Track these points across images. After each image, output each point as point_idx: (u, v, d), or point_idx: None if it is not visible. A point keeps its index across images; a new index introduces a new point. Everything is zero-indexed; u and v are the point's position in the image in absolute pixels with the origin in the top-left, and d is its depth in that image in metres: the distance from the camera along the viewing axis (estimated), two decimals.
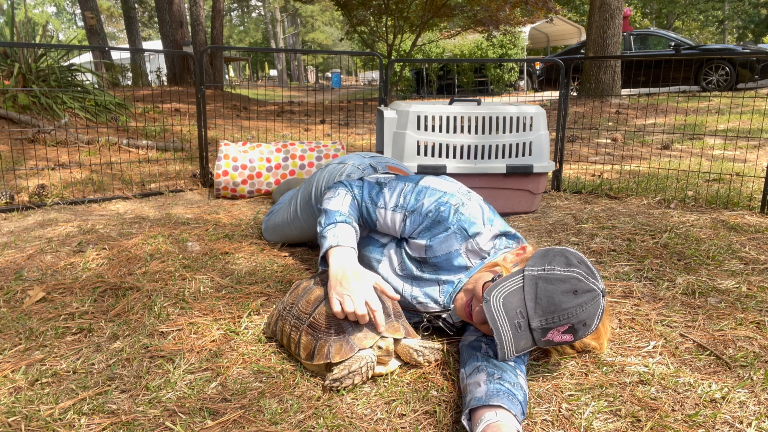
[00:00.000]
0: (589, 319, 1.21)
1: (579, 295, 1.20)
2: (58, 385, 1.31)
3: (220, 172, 3.21)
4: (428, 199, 1.50)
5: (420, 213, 1.49)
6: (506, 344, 1.18)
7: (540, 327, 1.19)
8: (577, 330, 1.20)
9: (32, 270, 2.01)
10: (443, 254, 1.46)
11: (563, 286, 1.20)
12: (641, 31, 13.17)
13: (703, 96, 9.56)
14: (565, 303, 1.19)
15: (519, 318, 1.19)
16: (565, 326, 1.19)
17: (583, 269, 1.23)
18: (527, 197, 2.90)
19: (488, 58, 18.14)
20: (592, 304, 1.21)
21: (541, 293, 1.20)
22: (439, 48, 18.14)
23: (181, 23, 12.09)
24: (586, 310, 1.20)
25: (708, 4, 31.01)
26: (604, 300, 1.24)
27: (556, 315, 1.19)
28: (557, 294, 1.19)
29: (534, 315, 1.19)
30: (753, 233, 2.49)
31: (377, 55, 3.96)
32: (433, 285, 1.49)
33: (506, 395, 1.12)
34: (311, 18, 46.20)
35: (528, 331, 1.19)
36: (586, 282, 1.21)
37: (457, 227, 1.45)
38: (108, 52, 12.12)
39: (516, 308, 1.20)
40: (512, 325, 1.19)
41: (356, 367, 1.28)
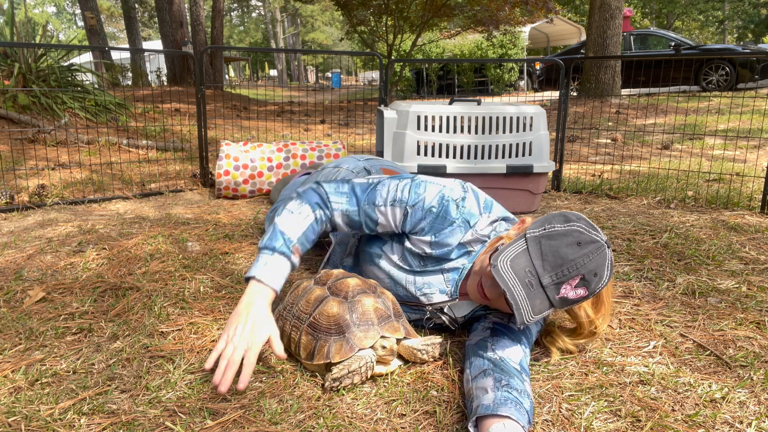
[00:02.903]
0: (599, 269, 1.21)
1: (583, 246, 1.21)
2: (58, 385, 1.31)
3: (222, 171, 3.21)
4: (429, 194, 1.46)
5: (422, 208, 1.45)
6: (522, 305, 1.18)
7: (552, 283, 1.20)
8: (589, 282, 1.21)
9: (32, 270, 2.01)
10: (447, 248, 1.45)
11: (566, 240, 1.21)
12: (641, 31, 13.17)
13: (703, 96, 9.56)
14: (570, 254, 1.20)
15: (529, 277, 1.20)
16: (576, 278, 1.20)
17: (583, 223, 1.25)
18: (527, 197, 2.90)
19: (488, 58, 18.13)
20: (599, 254, 1.21)
21: (546, 250, 1.22)
22: (439, 48, 18.14)
23: (181, 23, 12.09)
24: (593, 260, 1.21)
25: (708, 4, 31.01)
26: (609, 252, 1.24)
27: (565, 267, 1.20)
28: (562, 247, 1.21)
29: (543, 272, 1.20)
30: (753, 233, 2.49)
31: (377, 55, 3.96)
32: (437, 275, 1.48)
33: (514, 404, 1.10)
34: (311, 18, 46.20)
35: (540, 289, 1.20)
36: (588, 234, 1.23)
37: (462, 221, 1.44)
38: (108, 52, 12.12)
39: (524, 268, 1.21)
40: (524, 284, 1.20)
41: (356, 366, 1.28)
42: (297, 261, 1.43)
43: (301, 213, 1.46)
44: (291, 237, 1.42)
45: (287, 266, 1.41)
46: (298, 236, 1.43)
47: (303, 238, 1.44)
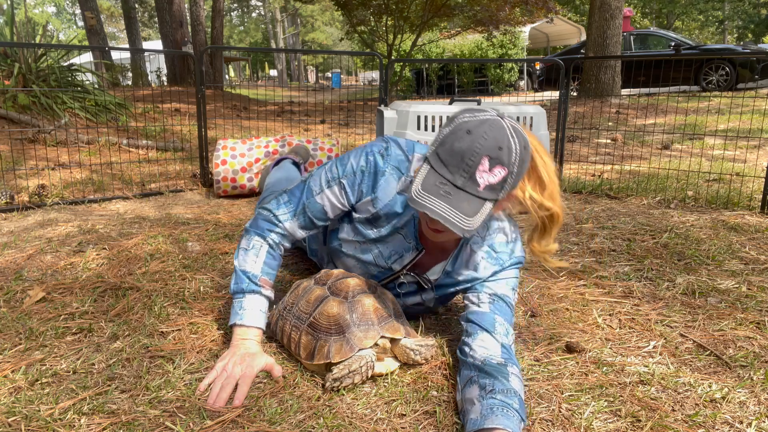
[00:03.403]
0: (501, 142, 1.18)
1: (473, 131, 1.19)
2: (58, 385, 1.31)
3: (219, 161, 3.22)
4: (354, 158, 1.49)
5: (353, 172, 1.47)
6: (450, 216, 1.17)
7: (465, 179, 1.19)
8: (499, 157, 1.18)
9: (32, 270, 2.01)
10: (389, 200, 1.45)
11: (456, 136, 1.21)
12: (641, 31, 13.17)
13: (703, 96, 9.56)
14: (465, 145, 1.18)
15: (442, 188, 1.19)
16: (483, 161, 1.18)
17: (467, 112, 1.24)
18: None
19: (488, 58, 18.15)
20: (493, 128, 1.19)
21: (444, 155, 1.21)
22: (439, 48, 18.14)
23: (181, 23, 12.09)
24: (490, 136, 1.18)
25: (708, 4, 31.01)
26: (506, 121, 1.22)
27: (466, 158, 1.18)
28: (455, 146, 1.20)
29: (452, 175, 1.20)
30: (753, 233, 2.49)
31: (377, 55, 3.96)
32: (395, 236, 1.49)
33: (500, 410, 1.11)
34: (311, 18, 46.20)
35: (459, 191, 1.19)
36: (474, 118, 1.21)
37: (392, 168, 1.46)
38: (108, 52, 12.12)
39: (434, 183, 1.20)
40: (441, 197, 1.19)
41: (356, 366, 1.28)
42: (270, 293, 1.49)
43: (254, 246, 1.50)
44: (254, 272, 1.47)
45: (263, 301, 1.47)
46: (260, 269, 1.48)
47: (266, 268, 1.49)
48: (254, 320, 1.43)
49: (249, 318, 1.42)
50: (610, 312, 1.72)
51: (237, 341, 1.40)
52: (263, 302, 1.47)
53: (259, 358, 1.35)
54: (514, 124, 1.23)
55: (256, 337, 1.43)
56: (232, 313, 1.45)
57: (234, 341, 1.41)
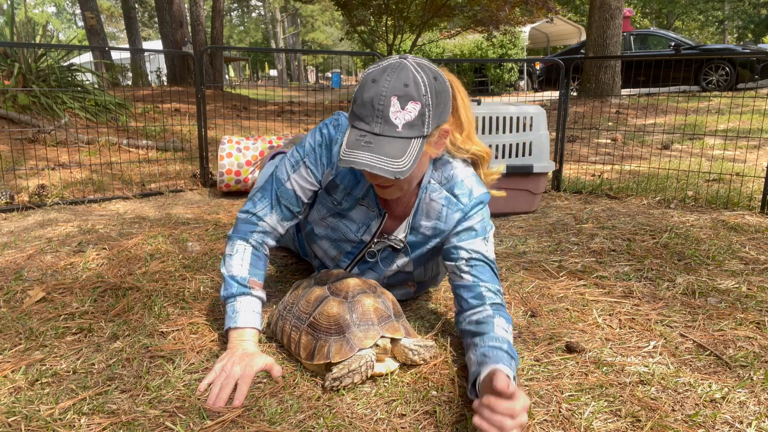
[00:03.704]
0: (407, 79, 1.22)
1: (377, 78, 1.23)
2: (58, 385, 1.31)
3: (224, 154, 3.24)
4: (310, 137, 1.53)
5: (312, 150, 1.50)
6: (376, 162, 1.20)
7: (379, 124, 1.22)
8: (409, 94, 1.22)
9: (32, 270, 2.01)
10: (345, 168, 1.48)
11: (363, 89, 1.24)
12: (641, 31, 13.17)
13: (703, 96, 9.56)
14: (372, 92, 1.22)
15: (362, 140, 1.23)
16: (393, 103, 1.21)
17: (371, 67, 1.27)
18: (527, 197, 2.90)
19: (488, 58, 18.17)
20: (395, 70, 1.23)
21: (357, 110, 1.25)
22: (439, 48, 18.14)
23: (181, 23, 12.09)
24: (395, 78, 1.22)
25: (708, 4, 31.01)
26: (410, 60, 1.25)
27: (375, 103, 1.21)
28: (364, 96, 1.23)
29: (367, 124, 1.23)
30: (753, 233, 2.49)
31: (377, 55, 3.96)
32: (357, 207, 1.53)
33: (492, 353, 1.23)
34: (311, 18, 46.20)
35: (378, 137, 1.22)
36: (377, 68, 1.25)
37: (342, 134, 1.49)
38: (108, 52, 12.12)
39: (354, 138, 1.24)
40: (362, 148, 1.22)
41: (356, 366, 1.28)
42: (261, 293, 1.49)
43: (237, 250, 1.50)
44: (242, 275, 1.47)
45: (255, 302, 1.47)
46: (247, 271, 1.48)
47: (253, 270, 1.49)
48: (249, 321, 1.43)
49: (243, 320, 1.43)
50: (610, 312, 1.72)
51: (234, 343, 1.41)
52: (256, 303, 1.47)
53: (257, 357, 1.36)
54: (418, 61, 1.26)
55: (253, 338, 1.43)
56: (226, 319, 1.45)
57: (231, 344, 1.41)
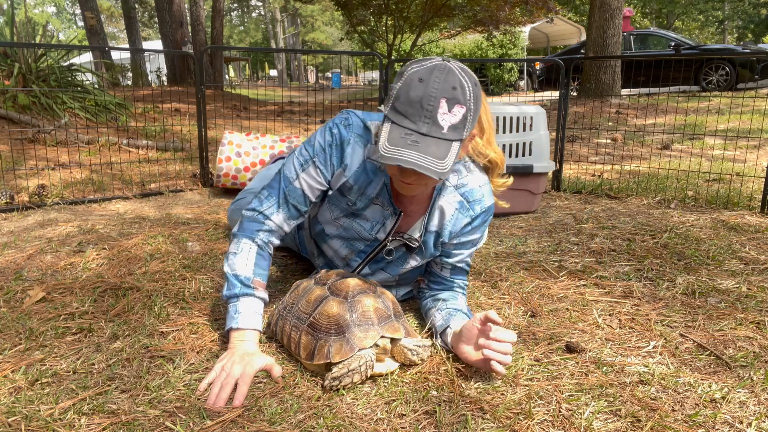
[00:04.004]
0: (454, 82, 1.23)
1: (425, 79, 1.23)
2: (58, 385, 1.31)
3: (223, 157, 3.21)
4: (319, 136, 1.51)
5: (322, 149, 1.49)
6: (422, 162, 1.20)
7: (426, 124, 1.22)
8: (457, 97, 1.23)
9: (32, 270, 2.01)
10: (358, 168, 1.48)
11: (410, 87, 1.23)
12: (641, 31, 13.18)
13: (703, 96, 9.56)
14: (420, 92, 1.22)
15: (408, 138, 1.22)
16: (441, 103, 1.22)
17: (415, 64, 1.27)
18: (527, 197, 2.90)
19: (488, 58, 18.16)
20: (445, 73, 1.23)
21: (402, 108, 1.24)
22: (439, 48, 18.14)
23: (181, 23, 12.08)
24: (443, 80, 1.22)
25: (708, 4, 31.01)
26: (454, 63, 1.26)
27: (424, 104, 1.22)
28: (411, 95, 1.23)
29: (414, 123, 1.22)
30: (753, 233, 2.49)
31: (377, 55, 3.96)
32: (371, 206, 1.52)
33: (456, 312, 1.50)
34: (311, 18, 46.20)
35: (425, 137, 1.22)
36: (423, 67, 1.25)
37: (355, 136, 1.48)
38: (108, 52, 12.11)
39: (398, 135, 1.23)
40: (409, 146, 1.21)
41: (355, 365, 1.28)
42: (264, 294, 1.48)
43: (243, 249, 1.49)
44: (246, 275, 1.46)
45: (257, 303, 1.46)
46: (251, 271, 1.47)
47: (257, 270, 1.48)
48: (250, 322, 1.42)
49: (245, 321, 1.42)
50: (610, 312, 1.72)
51: (235, 343, 1.40)
52: (258, 304, 1.46)
53: (257, 357, 1.35)
54: (460, 65, 1.27)
55: (254, 339, 1.42)
56: (227, 318, 1.44)
57: (231, 344, 1.40)
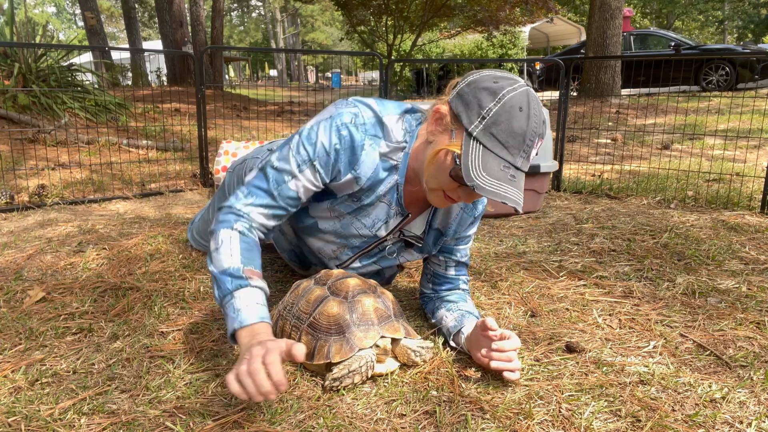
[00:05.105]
0: (543, 117, 1.22)
1: (524, 108, 1.18)
2: (58, 385, 1.31)
3: (220, 167, 3.21)
4: (323, 135, 1.33)
5: (326, 152, 1.33)
6: (517, 198, 1.18)
7: (522, 158, 1.20)
8: (543, 133, 1.22)
9: (32, 270, 2.01)
10: (371, 172, 1.37)
11: (510, 115, 1.17)
12: (641, 31, 13.18)
13: (703, 96, 9.56)
14: (523, 125, 1.17)
15: (507, 172, 1.18)
16: (537, 143, 1.21)
17: (504, 83, 1.20)
18: (532, 196, 2.90)
19: (488, 58, 18.18)
20: (536, 102, 1.21)
21: (503, 137, 1.17)
22: (439, 48, 18.14)
23: (181, 23, 12.09)
24: (537, 112, 1.20)
25: (708, 4, 31.02)
26: (530, 86, 1.24)
27: (527, 140, 1.19)
28: (514, 126, 1.17)
29: (514, 158, 1.19)
30: (753, 233, 2.49)
31: (377, 55, 3.96)
32: (376, 204, 1.44)
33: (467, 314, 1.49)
34: (311, 18, 46.20)
35: (519, 171, 1.20)
36: (516, 92, 1.19)
37: (369, 138, 1.35)
38: (108, 52, 12.12)
39: (498, 166, 1.18)
40: (508, 181, 1.18)
41: (356, 366, 1.28)
42: (261, 282, 1.27)
43: (223, 241, 1.29)
44: (234, 266, 1.25)
45: (257, 293, 1.24)
46: (239, 261, 1.26)
47: (246, 258, 1.27)
48: (255, 315, 1.19)
49: (248, 315, 1.19)
50: (610, 312, 1.72)
51: (246, 341, 1.16)
52: (258, 294, 1.24)
53: (275, 341, 1.11)
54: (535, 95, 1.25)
55: (266, 332, 1.18)
56: (228, 322, 1.21)
57: (242, 348, 1.16)
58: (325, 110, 1.41)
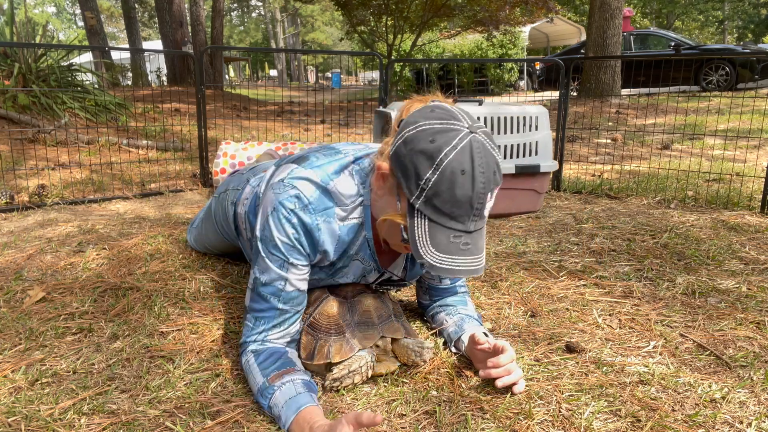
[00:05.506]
0: (494, 166, 1.10)
1: (467, 170, 1.06)
2: (58, 385, 1.31)
3: (218, 170, 3.21)
4: (277, 233, 1.25)
5: (291, 245, 1.26)
6: (476, 266, 1.10)
7: (475, 222, 1.10)
8: (497, 181, 1.11)
9: (32, 270, 2.01)
10: (336, 244, 1.31)
11: (451, 183, 1.06)
12: (641, 31, 13.18)
13: (703, 96, 9.56)
14: (467, 191, 1.06)
15: (458, 241, 1.10)
16: (489, 198, 1.10)
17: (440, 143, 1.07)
18: (533, 197, 2.90)
19: (488, 58, 18.18)
20: (482, 152, 1.08)
21: (447, 208, 1.08)
22: (439, 48, 18.15)
23: (181, 23, 12.09)
24: (485, 165, 1.08)
25: (708, 4, 31.02)
26: (480, 135, 1.09)
27: (475, 204, 1.08)
28: (457, 194, 1.06)
29: (462, 224, 1.10)
30: (753, 233, 2.49)
31: (377, 55, 3.96)
32: (351, 263, 1.39)
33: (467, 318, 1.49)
34: (311, 18, 46.21)
35: (472, 234, 1.11)
36: (456, 150, 1.06)
37: (320, 216, 1.27)
38: (108, 52, 12.12)
39: (447, 241, 1.09)
40: (461, 252, 1.10)
41: (356, 366, 1.28)
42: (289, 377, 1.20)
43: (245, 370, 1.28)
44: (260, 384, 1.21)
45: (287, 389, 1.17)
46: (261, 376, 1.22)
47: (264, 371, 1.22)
48: (295, 404, 1.13)
49: (287, 415, 1.13)
50: (610, 312, 1.72)
51: None
52: (290, 388, 1.17)
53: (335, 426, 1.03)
54: (484, 131, 1.12)
55: (310, 417, 1.10)
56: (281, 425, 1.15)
57: None
58: (265, 197, 1.31)
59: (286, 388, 1.17)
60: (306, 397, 1.15)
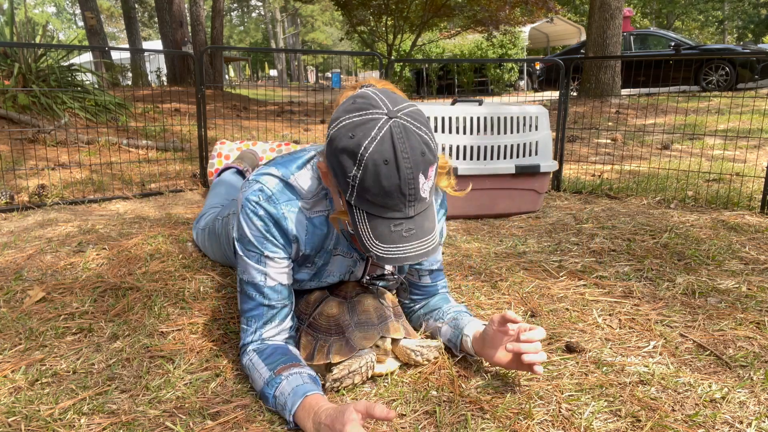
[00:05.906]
0: (420, 147, 1.07)
1: (390, 159, 1.05)
2: (58, 385, 1.31)
3: (213, 170, 3.20)
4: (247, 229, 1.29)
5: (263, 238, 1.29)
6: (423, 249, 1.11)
7: (413, 206, 1.09)
8: (428, 161, 1.08)
9: (32, 270, 2.01)
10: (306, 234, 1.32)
11: (377, 176, 1.05)
12: (641, 31, 13.18)
13: (703, 96, 9.56)
14: (395, 180, 1.06)
15: (400, 229, 1.10)
16: (421, 179, 1.08)
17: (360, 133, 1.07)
18: (533, 196, 2.90)
19: (488, 58, 18.18)
20: (403, 138, 1.06)
21: (378, 200, 1.08)
22: (439, 48, 18.15)
23: (181, 23, 12.08)
24: (409, 150, 1.06)
25: (708, 4, 31.02)
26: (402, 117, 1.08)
27: (404, 190, 1.07)
28: (384, 187, 1.06)
29: (400, 211, 1.09)
30: (753, 233, 2.49)
31: (377, 55, 3.96)
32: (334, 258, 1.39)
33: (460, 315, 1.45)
34: (311, 18, 46.21)
35: (414, 219, 1.11)
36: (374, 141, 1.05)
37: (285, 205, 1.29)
38: (108, 52, 12.11)
39: (389, 231, 1.10)
40: (404, 239, 1.10)
41: (356, 366, 1.28)
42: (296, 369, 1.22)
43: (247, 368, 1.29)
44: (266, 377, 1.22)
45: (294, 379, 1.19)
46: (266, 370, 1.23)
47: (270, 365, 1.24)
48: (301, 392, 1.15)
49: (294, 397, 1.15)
50: (610, 312, 1.72)
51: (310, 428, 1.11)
52: (297, 378, 1.19)
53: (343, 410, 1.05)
54: (408, 112, 1.10)
55: (316, 402, 1.12)
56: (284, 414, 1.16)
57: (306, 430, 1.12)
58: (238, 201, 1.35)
59: (293, 378, 1.19)
60: (312, 386, 1.18)
